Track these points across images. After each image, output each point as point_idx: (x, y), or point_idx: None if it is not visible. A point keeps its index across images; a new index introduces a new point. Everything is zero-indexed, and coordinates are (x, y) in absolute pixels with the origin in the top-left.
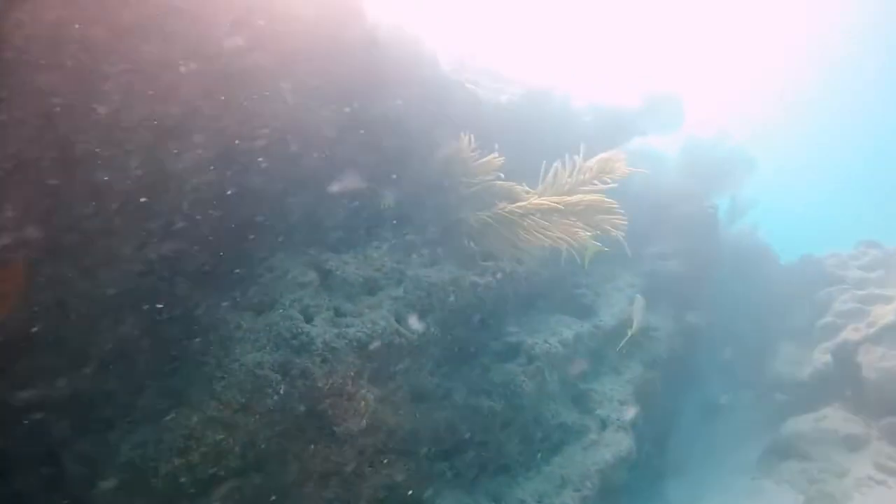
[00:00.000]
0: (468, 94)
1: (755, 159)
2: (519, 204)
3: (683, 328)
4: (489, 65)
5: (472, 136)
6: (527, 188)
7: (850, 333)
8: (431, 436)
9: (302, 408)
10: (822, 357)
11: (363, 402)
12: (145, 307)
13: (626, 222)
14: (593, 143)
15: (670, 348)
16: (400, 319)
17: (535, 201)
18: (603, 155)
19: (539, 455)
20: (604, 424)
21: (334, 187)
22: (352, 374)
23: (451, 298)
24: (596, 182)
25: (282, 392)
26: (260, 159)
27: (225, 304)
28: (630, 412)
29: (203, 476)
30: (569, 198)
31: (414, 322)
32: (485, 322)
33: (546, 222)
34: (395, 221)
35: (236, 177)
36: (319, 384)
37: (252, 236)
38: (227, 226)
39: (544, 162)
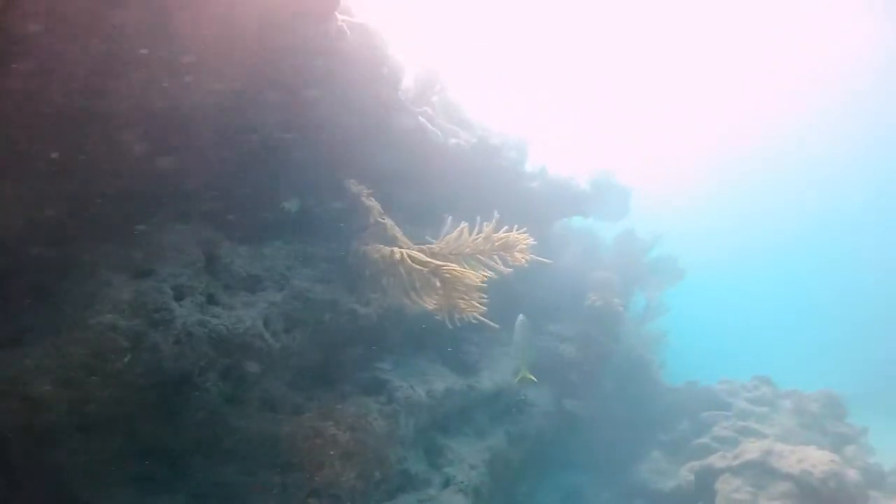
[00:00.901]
0: (418, 128)
1: (683, 272)
2: (377, 248)
3: (560, 412)
4: (451, 101)
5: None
6: (430, 239)
7: (716, 459)
8: (270, 446)
9: (143, 382)
10: (686, 475)
11: (206, 395)
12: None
13: (482, 309)
14: (537, 210)
15: (541, 427)
16: (268, 324)
17: (395, 256)
18: (508, 234)
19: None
20: (447, 483)
21: (250, 178)
22: (202, 364)
23: (327, 318)
24: (495, 257)
25: (126, 361)
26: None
27: (106, 258)
28: (476, 478)
29: (18, 423)
30: (435, 262)
31: (281, 331)
32: (357, 351)
33: (409, 278)
34: (301, 228)
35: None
36: (165, 364)
37: (156, 204)
38: (137, 188)
39: (450, 217)
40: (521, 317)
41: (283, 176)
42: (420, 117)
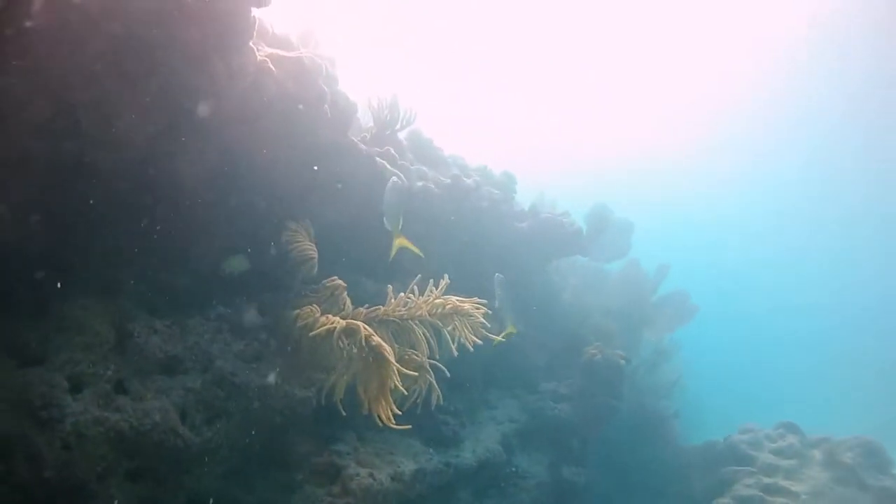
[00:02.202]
0: (373, 173)
1: (696, 308)
2: (307, 314)
3: (557, 481)
4: (422, 137)
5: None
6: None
7: None
8: None
9: (20, 498)
10: None
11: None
12: None
13: (387, 415)
14: (527, 253)
15: (536, 500)
16: (186, 416)
17: (328, 325)
18: (455, 301)
19: None
20: None
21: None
22: (99, 469)
23: (256, 406)
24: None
25: None
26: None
27: None
28: None
29: None
30: (364, 329)
31: (202, 423)
32: (305, 435)
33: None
34: (240, 289)
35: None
36: (47, 474)
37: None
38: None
39: (389, 286)
40: (498, 275)
41: (215, 231)
42: (377, 158)
